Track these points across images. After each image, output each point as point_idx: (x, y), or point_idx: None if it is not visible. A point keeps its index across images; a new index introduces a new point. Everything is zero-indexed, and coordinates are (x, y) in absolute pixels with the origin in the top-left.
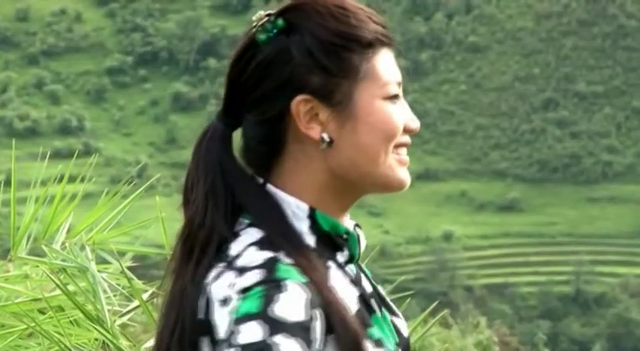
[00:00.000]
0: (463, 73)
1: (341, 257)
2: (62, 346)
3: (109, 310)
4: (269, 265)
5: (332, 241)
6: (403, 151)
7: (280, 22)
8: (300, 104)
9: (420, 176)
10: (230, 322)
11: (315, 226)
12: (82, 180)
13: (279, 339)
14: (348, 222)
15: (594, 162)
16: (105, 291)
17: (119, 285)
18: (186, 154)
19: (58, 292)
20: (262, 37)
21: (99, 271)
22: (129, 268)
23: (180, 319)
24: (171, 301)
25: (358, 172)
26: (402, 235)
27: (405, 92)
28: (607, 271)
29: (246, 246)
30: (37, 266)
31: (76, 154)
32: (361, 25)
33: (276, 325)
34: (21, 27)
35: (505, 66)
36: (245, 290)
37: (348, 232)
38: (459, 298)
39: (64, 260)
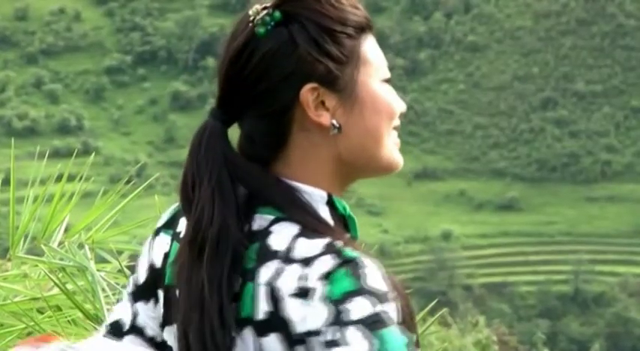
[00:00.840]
0: (462, 73)
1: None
2: None
3: (107, 309)
4: (333, 249)
5: (343, 224)
6: (395, 133)
7: (277, 14)
8: (308, 93)
9: (419, 175)
10: (326, 308)
11: (333, 211)
12: (81, 179)
13: (387, 307)
14: None
15: (593, 161)
16: (104, 290)
17: (118, 284)
18: (186, 153)
19: (56, 291)
20: (261, 30)
21: (98, 270)
22: (127, 266)
23: (208, 322)
24: (189, 303)
25: (366, 155)
26: (400, 235)
27: (404, 91)
28: (606, 271)
29: (292, 239)
30: (36, 265)
31: (75, 154)
32: (354, 10)
33: (378, 296)
34: (20, 26)
35: (504, 65)
36: (327, 275)
37: (350, 214)
38: (458, 297)
39: (62, 259)
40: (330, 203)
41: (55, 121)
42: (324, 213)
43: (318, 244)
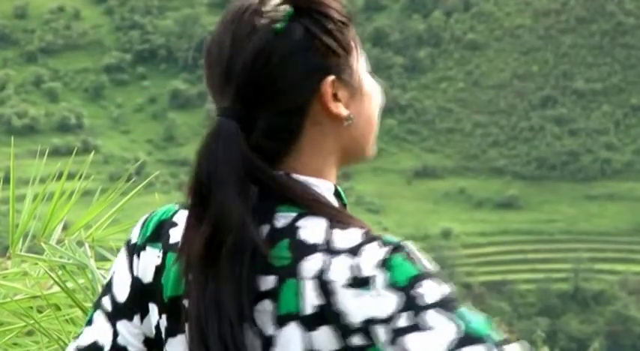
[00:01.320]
0: (461, 71)
1: None
2: (61, 343)
3: None
4: (373, 237)
5: None
6: None
7: (290, 9)
8: (328, 85)
9: (419, 173)
10: (395, 295)
11: (339, 202)
12: (81, 177)
13: (448, 287)
14: None
15: (593, 159)
16: None
17: None
18: (185, 152)
19: (56, 289)
20: (279, 26)
21: (97, 268)
22: None
23: (227, 324)
24: (204, 307)
25: (364, 143)
26: (400, 233)
27: (404, 89)
28: (605, 269)
29: (326, 231)
30: (36, 263)
31: (74, 152)
32: (343, 1)
33: (438, 277)
34: (19, 24)
35: (503, 63)
36: (384, 263)
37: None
38: (458, 295)
39: (62, 257)
40: (337, 193)
41: (55, 119)
42: (335, 203)
43: (355, 234)
